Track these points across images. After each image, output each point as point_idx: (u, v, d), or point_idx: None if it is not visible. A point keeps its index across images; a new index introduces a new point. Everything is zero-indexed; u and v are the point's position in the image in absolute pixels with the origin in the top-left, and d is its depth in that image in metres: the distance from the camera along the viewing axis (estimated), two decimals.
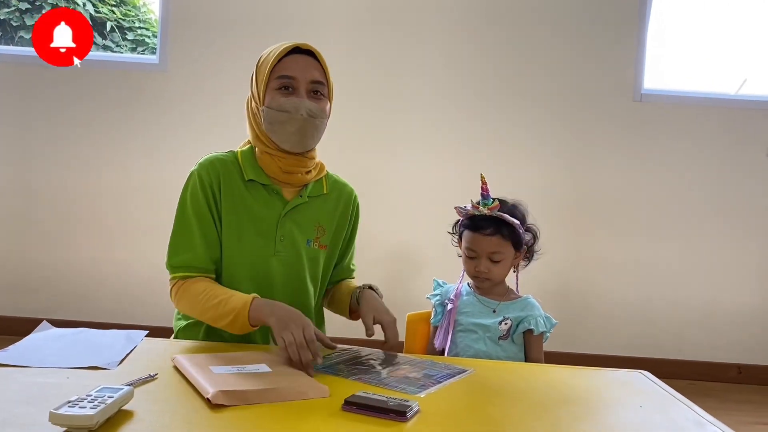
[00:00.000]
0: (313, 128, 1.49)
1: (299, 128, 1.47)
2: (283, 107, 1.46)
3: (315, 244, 1.56)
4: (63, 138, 3.47)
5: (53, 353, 1.24)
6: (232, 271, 1.49)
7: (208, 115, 3.42)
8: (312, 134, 1.50)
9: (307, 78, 1.49)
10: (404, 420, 1.02)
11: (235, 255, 1.49)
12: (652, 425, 1.11)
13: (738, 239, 3.52)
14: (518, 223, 1.61)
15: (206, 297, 1.41)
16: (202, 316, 1.43)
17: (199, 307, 1.42)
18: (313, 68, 1.50)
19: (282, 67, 1.48)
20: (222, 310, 1.38)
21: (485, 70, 3.48)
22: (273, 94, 1.48)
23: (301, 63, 1.49)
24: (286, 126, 1.47)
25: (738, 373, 3.50)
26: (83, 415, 0.87)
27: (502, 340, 1.61)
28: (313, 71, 1.50)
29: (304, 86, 1.48)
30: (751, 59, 3.76)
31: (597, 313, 3.52)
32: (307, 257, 1.55)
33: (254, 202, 1.51)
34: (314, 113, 1.48)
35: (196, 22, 3.45)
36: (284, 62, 1.49)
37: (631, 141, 3.50)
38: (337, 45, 3.35)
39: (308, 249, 1.55)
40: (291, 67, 1.48)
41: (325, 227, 1.58)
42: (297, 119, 1.46)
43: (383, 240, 3.37)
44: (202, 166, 1.52)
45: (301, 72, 1.48)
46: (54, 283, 3.48)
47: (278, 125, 1.47)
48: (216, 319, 1.40)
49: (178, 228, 1.49)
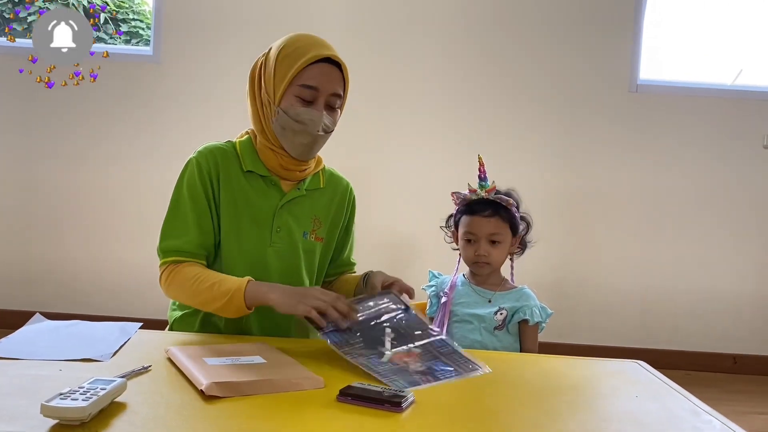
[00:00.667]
0: (322, 142, 1.50)
1: (311, 142, 1.46)
2: (300, 118, 1.43)
3: (311, 237, 1.55)
4: (55, 131, 3.45)
5: (46, 345, 1.23)
6: (229, 261, 1.47)
7: (202, 106, 3.40)
8: (320, 146, 1.51)
9: (329, 91, 1.45)
10: (399, 410, 1.01)
11: (233, 245, 1.48)
12: (647, 415, 1.11)
13: (733, 229, 3.53)
14: (515, 205, 1.62)
15: (198, 281, 1.39)
16: (194, 299, 1.41)
17: (190, 290, 1.39)
18: (336, 80, 1.46)
19: (308, 76, 1.43)
20: (216, 292, 1.36)
21: (481, 61, 3.47)
22: (292, 99, 1.44)
23: (326, 75, 1.45)
24: (299, 137, 1.45)
25: (733, 363, 3.51)
26: (75, 407, 0.87)
27: (498, 330, 1.60)
28: (335, 85, 1.46)
29: (323, 98, 1.45)
30: (747, 50, 3.75)
31: (592, 303, 3.53)
32: (304, 249, 1.54)
33: (252, 192, 1.49)
34: (329, 128, 1.48)
35: (189, 14, 3.43)
36: (311, 70, 1.43)
37: (627, 132, 3.50)
38: (335, 34, 3.32)
39: (305, 241, 1.54)
40: (317, 77, 1.43)
41: (322, 220, 1.57)
42: (311, 134, 1.45)
43: (379, 231, 3.36)
44: (201, 153, 1.50)
45: (325, 84, 1.44)
46: (48, 276, 3.46)
47: (290, 133, 1.45)
48: (209, 301, 1.37)
49: (172, 213, 1.47)
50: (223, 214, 1.48)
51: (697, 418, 1.10)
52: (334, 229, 1.62)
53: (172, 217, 1.47)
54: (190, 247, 1.44)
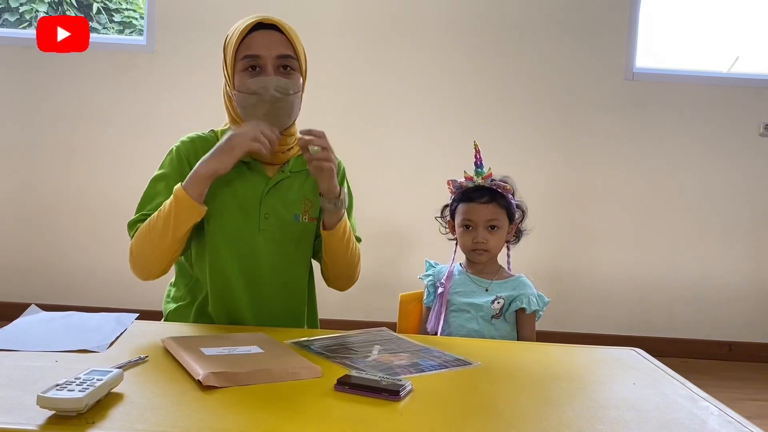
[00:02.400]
0: (286, 106, 1.44)
1: (269, 110, 1.42)
2: (250, 89, 1.42)
3: (304, 218, 1.52)
4: (49, 122, 3.43)
5: (42, 337, 1.23)
6: (216, 250, 1.46)
7: (195, 96, 3.38)
8: (285, 113, 1.45)
9: (273, 54, 1.42)
10: (397, 399, 1.01)
11: (218, 233, 1.46)
12: (645, 401, 1.11)
13: (728, 217, 3.53)
14: (512, 191, 1.63)
15: (149, 220, 1.40)
16: (151, 235, 1.39)
17: (146, 231, 1.40)
18: (279, 43, 1.44)
19: (246, 46, 1.42)
20: (162, 211, 1.38)
21: (476, 51, 3.46)
22: (240, 76, 1.43)
23: (265, 39, 1.43)
24: (257, 109, 1.42)
25: (729, 350, 3.53)
26: (72, 398, 0.86)
27: (495, 319, 1.60)
28: (278, 46, 1.43)
29: (271, 63, 1.42)
30: (743, 37, 3.74)
31: (589, 291, 3.53)
32: (297, 232, 1.51)
33: (236, 180, 1.47)
34: (284, 89, 1.42)
35: (183, 3, 3.40)
36: (248, 40, 1.43)
37: (623, 120, 3.49)
38: (333, 29, 3.31)
39: (297, 224, 1.51)
40: (255, 45, 1.42)
41: (313, 200, 1.53)
42: (266, 101, 1.41)
43: (375, 220, 3.35)
44: (183, 142, 1.51)
45: (266, 49, 1.42)
46: (44, 268, 3.45)
47: (250, 108, 1.43)
48: (164, 223, 1.37)
49: (144, 195, 1.49)
50: (205, 202, 1.46)
51: (694, 404, 1.10)
52: None
53: (144, 199, 1.48)
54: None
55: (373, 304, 3.08)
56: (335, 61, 3.36)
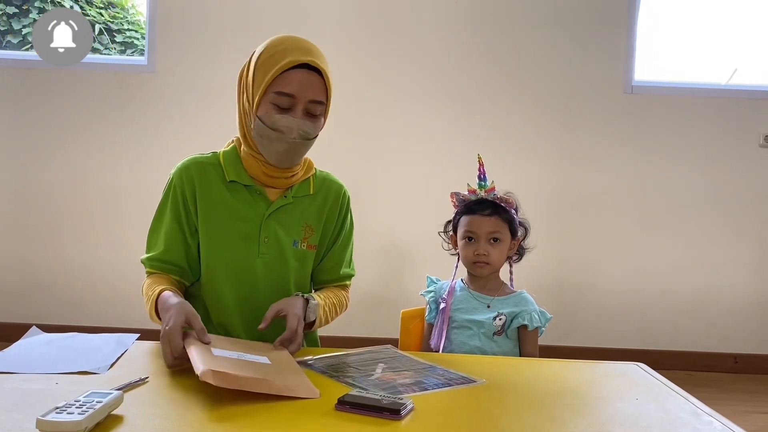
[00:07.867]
0: (303, 149, 1.45)
1: (288, 149, 1.42)
2: (275, 125, 1.40)
3: (303, 245, 1.52)
4: (52, 141, 3.44)
5: (42, 359, 1.23)
6: (213, 275, 1.47)
7: (196, 115, 3.40)
8: (301, 154, 1.46)
9: (307, 97, 1.40)
10: (399, 418, 1.00)
11: (215, 258, 1.46)
12: (648, 417, 1.10)
13: (731, 229, 3.52)
14: (515, 205, 1.64)
15: (144, 290, 1.44)
16: (145, 304, 1.43)
17: (144, 295, 1.43)
18: (316, 87, 1.41)
19: (282, 82, 1.38)
20: (147, 299, 1.40)
21: (476, 64, 3.47)
22: (267, 107, 1.40)
23: (303, 81, 1.39)
24: (275, 144, 1.41)
25: (734, 362, 3.50)
26: (71, 422, 0.86)
27: (497, 336, 1.60)
28: (314, 90, 1.40)
29: (301, 105, 1.40)
30: (742, 49, 3.75)
31: (592, 306, 3.52)
32: (294, 259, 1.51)
33: (236, 203, 1.47)
34: (307, 134, 1.42)
35: (183, 23, 3.43)
36: (286, 76, 1.38)
37: (622, 133, 3.50)
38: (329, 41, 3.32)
39: (295, 250, 1.51)
40: (293, 84, 1.38)
41: (314, 227, 1.53)
42: (287, 141, 1.40)
43: (377, 236, 3.36)
44: (179, 169, 1.51)
45: (302, 91, 1.39)
46: (44, 288, 3.45)
47: (267, 141, 1.42)
48: (147, 303, 1.41)
49: (152, 226, 1.53)
50: (202, 228, 1.46)
51: (698, 420, 1.10)
52: (326, 235, 1.57)
53: (151, 231, 1.53)
54: (157, 261, 1.48)
55: (375, 320, 3.07)
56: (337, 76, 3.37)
